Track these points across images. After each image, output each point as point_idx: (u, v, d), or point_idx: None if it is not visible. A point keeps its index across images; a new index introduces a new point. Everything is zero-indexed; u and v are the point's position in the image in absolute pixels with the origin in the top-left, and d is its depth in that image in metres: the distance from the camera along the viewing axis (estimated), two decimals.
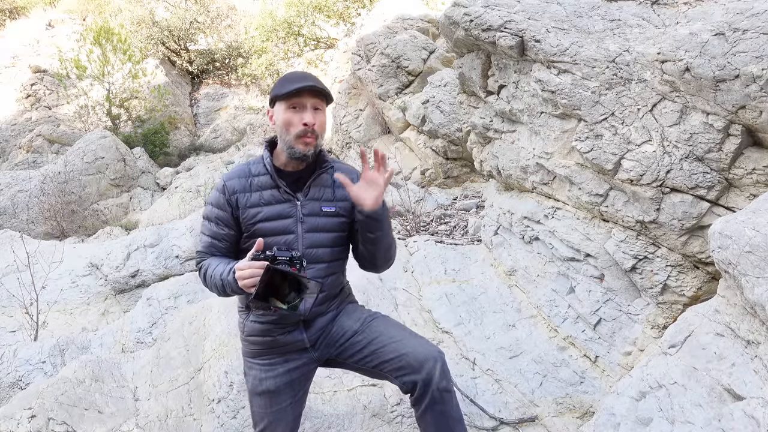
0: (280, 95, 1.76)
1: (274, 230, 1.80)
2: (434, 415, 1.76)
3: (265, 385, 1.87)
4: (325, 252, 1.85)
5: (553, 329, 2.98)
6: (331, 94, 1.82)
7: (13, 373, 4.07)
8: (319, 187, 1.86)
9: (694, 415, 1.83)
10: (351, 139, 8.93)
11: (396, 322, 1.96)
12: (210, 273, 1.78)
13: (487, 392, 2.72)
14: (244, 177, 1.85)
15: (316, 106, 1.77)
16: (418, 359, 1.75)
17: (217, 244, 1.86)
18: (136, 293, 5.60)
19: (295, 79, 1.77)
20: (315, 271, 1.83)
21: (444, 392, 1.75)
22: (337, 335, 1.89)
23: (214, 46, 17.52)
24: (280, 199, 1.82)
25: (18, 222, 9.46)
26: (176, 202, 9.17)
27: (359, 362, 1.87)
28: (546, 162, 2.93)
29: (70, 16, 17.86)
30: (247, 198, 1.82)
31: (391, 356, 1.80)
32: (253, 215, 1.80)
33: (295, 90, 1.73)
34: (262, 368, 1.88)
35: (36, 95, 14.06)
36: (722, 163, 2.19)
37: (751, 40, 2.00)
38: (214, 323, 3.33)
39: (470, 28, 3.12)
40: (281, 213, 1.81)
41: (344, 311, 1.96)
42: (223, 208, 1.83)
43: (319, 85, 1.76)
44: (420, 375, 1.74)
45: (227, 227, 1.84)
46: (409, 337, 1.85)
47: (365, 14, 12.65)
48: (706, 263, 2.36)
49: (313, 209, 1.83)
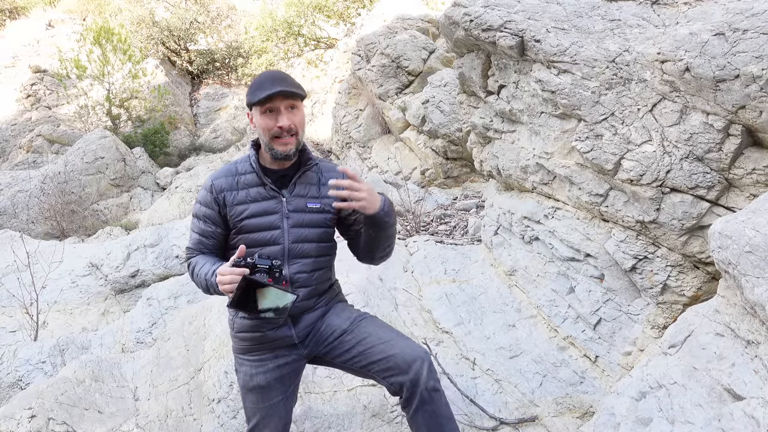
0: (253, 102, 1.79)
1: (260, 226, 1.84)
2: (424, 416, 1.78)
3: (255, 380, 1.90)
4: (311, 247, 1.89)
5: (553, 329, 2.98)
6: (303, 90, 1.83)
7: (13, 373, 4.07)
8: (305, 184, 1.91)
9: (694, 415, 1.83)
10: (351, 139, 8.93)
11: (384, 323, 1.99)
12: (197, 271, 1.85)
13: (487, 392, 2.72)
14: (231, 175, 1.90)
15: (290, 105, 1.80)
16: (405, 360, 1.78)
17: (204, 241, 1.91)
18: (136, 293, 5.60)
19: (265, 84, 1.78)
20: (301, 265, 1.87)
21: (432, 392, 1.78)
22: (326, 334, 1.92)
23: (214, 46, 17.52)
24: (266, 196, 1.86)
25: (18, 222, 9.46)
26: (176, 202, 9.17)
27: (347, 362, 1.90)
28: (546, 162, 2.93)
29: (70, 16, 17.86)
30: (234, 196, 1.86)
31: (378, 357, 1.82)
32: (240, 212, 1.85)
33: (266, 97, 1.75)
34: (252, 364, 1.91)
35: (36, 95, 14.05)
36: (722, 163, 2.19)
37: (751, 40, 2.00)
38: (214, 323, 3.33)
39: (470, 28, 3.12)
40: (267, 209, 1.85)
41: (333, 310, 1.98)
42: (210, 206, 1.88)
43: (290, 88, 1.77)
44: (408, 376, 1.76)
45: (214, 225, 1.90)
46: (396, 338, 1.87)
47: (365, 14, 12.65)
48: (706, 263, 2.36)
49: (298, 205, 1.87)
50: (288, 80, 1.81)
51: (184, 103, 16.17)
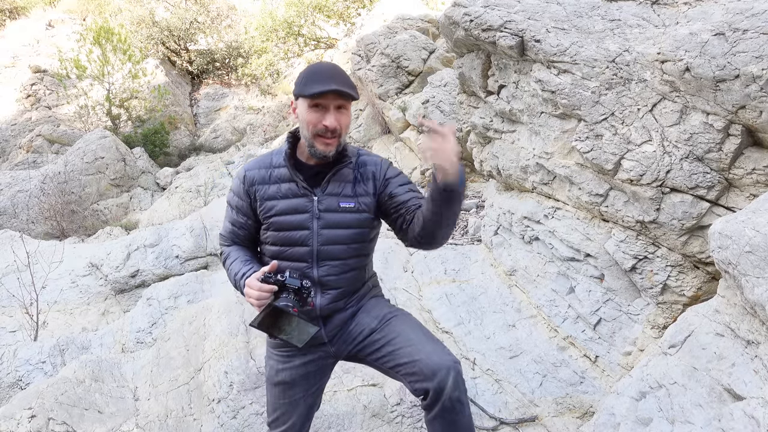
0: (303, 94, 1.68)
1: (289, 224, 1.78)
2: (443, 424, 1.72)
3: (280, 376, 1.88)
4: (341, 249, 1.80)
5: (553, 329, 2.98)
6: (356, 92, 1.72)
7: (13, 373, 4.07)
8: (339, 183, 1.80)
9: (694, 415, 1.83)
10: (351, 139, 8.94)
11: (415, 321, 1.90)
12: (228, 265, 1.84)
13: (487, 392, 2.72)
14: (265, 168, 1.83)
15: (339, 105, 1.70)
16: (430, 367, 1.69)
17: (236, 231, 1.89)
18: (136, 293, 5.59)
19: (320, 78, 1.67)
20: (330, 267, 1.80)
21: (456, 402, 1.69)
22: (356, 332, 1.86)
23: (214, 46, 17.50)
24: (297, 193, 1.78)
25: (18, 222, 9.46)
26: (176, 202, 9.16)
27: (377, 361, 1.84)
28: (546, 162, 2.93)
29: (70, 16, 17.84)
30: (265, 190, 1.80)
31: (405, 360, 1.74)
32: (270, 208, 1.79)
33: (318, 93, 1.66)
34: (279, 359, 1.89)
35: (36, 95, 14.04)
36: (722, 163, 2.19)
37: (751, 40, 2.00)
38: (214, 323, 3.33)
39: (470, 28, 3.12)
40: (297, 207, 1.78)
41: (365, 307, 1.91)
42: (241, 197, 1.84)
43: (345, 88, 1.66)
44: (432, 383, 1.68)
45: (245, 216, 1.85)
46: (424, 340, 1.78)
47: (365, 14, 12.65)
48: (706, 263, 2.36)
49: (330, 205, 1.78)
50: (343, 78, 1.69)
51: (184, 103, 16.16)
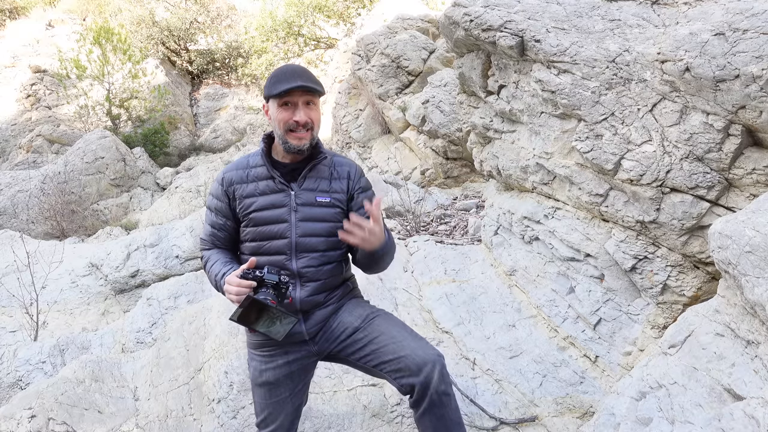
0: (271, 95, 1.80)
1: (268, 219, 1.85)
2: (432, 419, 1.77)
3: (264, 376, 1.90)
4: (319, 241, 1.87)
5: (553, 329, 2.98)
6: (322, 87, 1.83)
7: (13, 373, 4.07)
8: (315, 179, 1.90)
9: (694, 415, 1.83)
10: (351, 139, 8.93)
11: (398, 320, 1.96)
12: (208, 268, 1.90)
13: (487, 392, 2.72)
14: (242, 168, 1.91)
15: (308, 101, 1.80)
16: (416, 362, 1.75)
17: (217, 233, 1.95)
18: (136, 293, 5.60)
19: (285, 78, 1.78)
20: (309, 259, 1.86)
21: (443, 396, 1.75)
22: (338, 331, 1.90)
23: (214, 46, 17.52)
24: (274, 189, 1.86)
25: (18, 222, 9.46)
26: (176, 202, 9.17)
27: (360, 360, 1.88)
28: (546, 162, 2.93)
29: (70, 16, 17.84)
30: (243, 188, 1.88)
31: (389, 357, 1.80)
32: (248, 205, 1.86)
33: (284, 90, 1.75)
34: (262, 360, 1.92)
35: (36, 95, 14.05)
36: (722, 163, 2.19)
37: (751, 40, 2.00)
38: (214, 323, 3.33)
39: (470, 28, 3.12)
40: (275, 203, 1.85)
41: (346, 306, 1.96)
42: (220, 199, 1.91)
43: (309, 84, 1.77)
44: (418, 378, 1.74)
45: (224, 217, 1.92)
46: (409, 338, 1.84)
47: (365, 14, 12.66)
48: (706, 263, 2.36)
49: (307, 199, 1.87)
50: (307, 75, 1.80)
51: (184, 103, 16.16)
